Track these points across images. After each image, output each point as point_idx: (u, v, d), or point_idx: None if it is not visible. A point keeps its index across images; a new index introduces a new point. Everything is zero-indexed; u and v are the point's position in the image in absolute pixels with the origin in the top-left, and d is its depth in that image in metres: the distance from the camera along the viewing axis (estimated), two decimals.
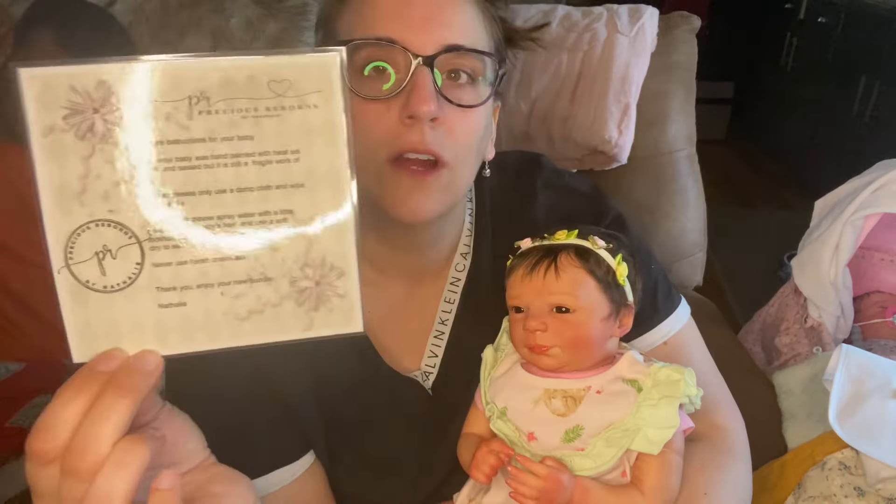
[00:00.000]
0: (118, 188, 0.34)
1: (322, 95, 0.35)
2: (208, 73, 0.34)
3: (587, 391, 0.60)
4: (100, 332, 0.36)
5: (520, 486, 0.57)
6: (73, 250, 0.35)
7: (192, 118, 0.34)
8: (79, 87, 0.33)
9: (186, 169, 0.34)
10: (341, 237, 0.37)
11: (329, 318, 0.38)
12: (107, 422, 0.33)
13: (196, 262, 0.35)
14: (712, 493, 0.63)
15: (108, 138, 0.33)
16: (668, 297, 0.73)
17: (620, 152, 1.21)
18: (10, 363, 1.14)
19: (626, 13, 1.25)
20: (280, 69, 0.34)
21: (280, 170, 0.35)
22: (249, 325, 0.37)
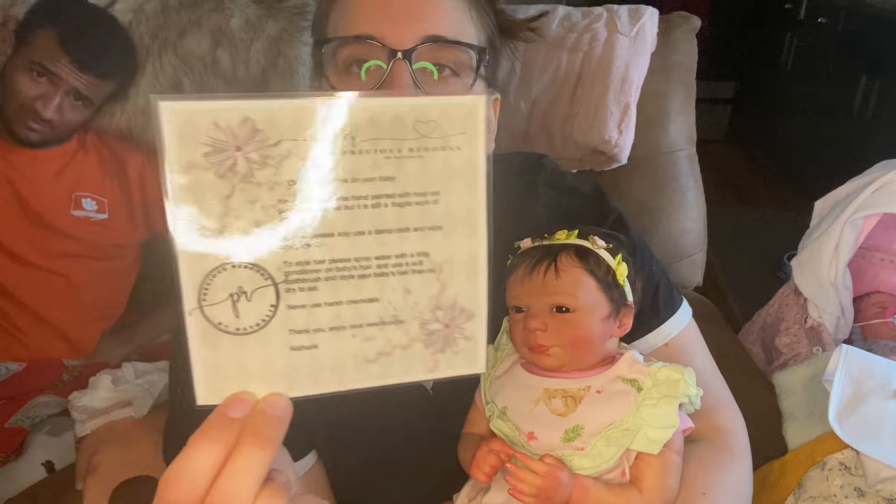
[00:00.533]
0: (257, 229, 0.33)
1: (465, 137, 0.34)
2: (355, 111, 0.33)
3: (587, 391, 0.60)
4: (229, 374, 0.34)
5: (519, 483, 0.57)
6: (207, 292, 0.33)
7: (334, 157, 0.33)
8: (222, 123, 0.31)
9: (325, 211, 0.34)
10: (474, 280, 0.36)
11: (454, 359, 0.37)
12: (249, 477, 0.32)
13: (330, 305, 0.35)
14: (711, 493, 0.63)
15: (249, 178, 0.32)
16: (670, 299, 0.73)
17: (620, 152, 1.21)
18: (10, 363, 1.14)
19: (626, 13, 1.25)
20: (426, 110, 0.34)
21: (419, 212, 0.35)
22: (377, 366, 0.36)
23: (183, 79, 1.18)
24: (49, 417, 1.10)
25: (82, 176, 1.16)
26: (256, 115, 0.32)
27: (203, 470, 0.32)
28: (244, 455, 0.32)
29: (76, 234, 1.15)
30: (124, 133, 1.21)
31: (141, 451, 0.90)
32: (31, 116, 1.06)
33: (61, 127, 1.10)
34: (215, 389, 0.34)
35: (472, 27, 0.61)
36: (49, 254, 1.14)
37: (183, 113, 0.31)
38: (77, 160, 1.16)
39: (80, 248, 1.17)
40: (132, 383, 0.98)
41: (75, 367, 1.19)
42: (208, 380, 0.34)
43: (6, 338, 1.14)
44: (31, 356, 1.15)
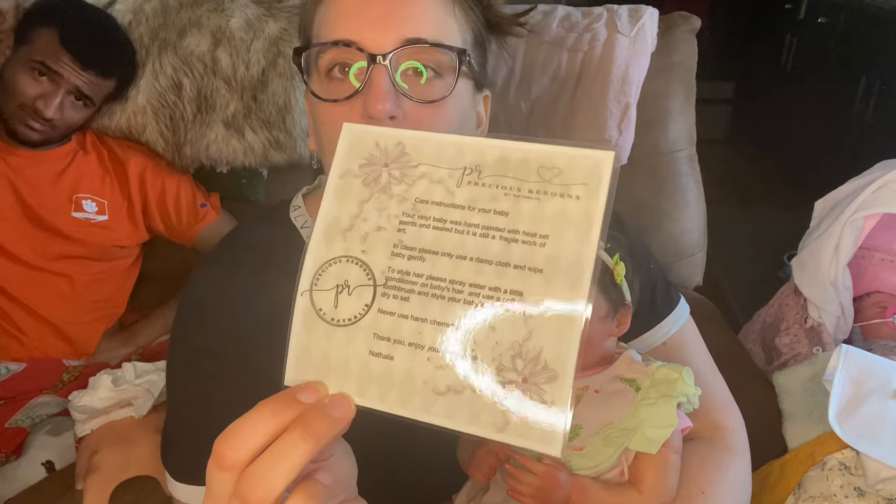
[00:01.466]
0: (377, 233, 0.37)
1: (587, 188, 0.35)
2: (488, 150, 0.36)
3: (585, 391, 0.60)
4: (313, 360, 0.37)
5: (517, 484, 0.57)
6: (320, 278, 0.37)
7: (460, 185, 0.36)
8: (381, 143, 0.38)
9: (439, 229, 0.36)
10: (564, 335, 0.34)
11: (526, 427, 0.34)
12: (286, 461, 0.33)
13: (415, 320, 0.36)
14: (710, 491, 0.63)
15: (386, 189, 0.37)
16: (667, 298, 0.72)
17: (620, 152, 1.21)
18: (10, 363, 1.14)
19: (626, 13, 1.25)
20: (553, 157, 0.35)
21: (524, 250, 0.35)
22: (443, 402, 0.35)
23: (183, 79, 1.18)
24: (49, 417, 1.10)
25: (82, 177, 1.16)
26: (408, 142, 0.38)
27: (254, 433, 0.33)
28: (286, 441, 0.33)
29: (77, 236, 1.15)
30: (124, 133, 1.21)
31: (141, 451, 0.90)
32: (32, 116, 1.06)
33: (62, 126, 1.10)
34: (300, 372, 0.37)
35: (456, 26, 0.61)
36: (50, 255, 1.15)
37: (356, 132, 0.38)
38: (77, 161, 1.16)
39: (80, 250, 1.17)
40: (132, 383, 0.98)
41: (75, 367, 1.19)
42: (297, 362, 0.37)
43: (6, 338, 1.14)
44: (31, 356, 1.15)
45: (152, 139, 1.21)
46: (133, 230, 1.22)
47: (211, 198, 1.28)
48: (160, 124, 1.20)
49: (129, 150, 1.20)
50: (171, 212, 1.23)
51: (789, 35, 3.26)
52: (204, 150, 1.22)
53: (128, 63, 1.15)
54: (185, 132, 1.21)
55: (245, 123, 1.20)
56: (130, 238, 1.22)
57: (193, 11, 1.17)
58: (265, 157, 1.23)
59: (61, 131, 1.11)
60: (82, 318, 1.19)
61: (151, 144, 1.22)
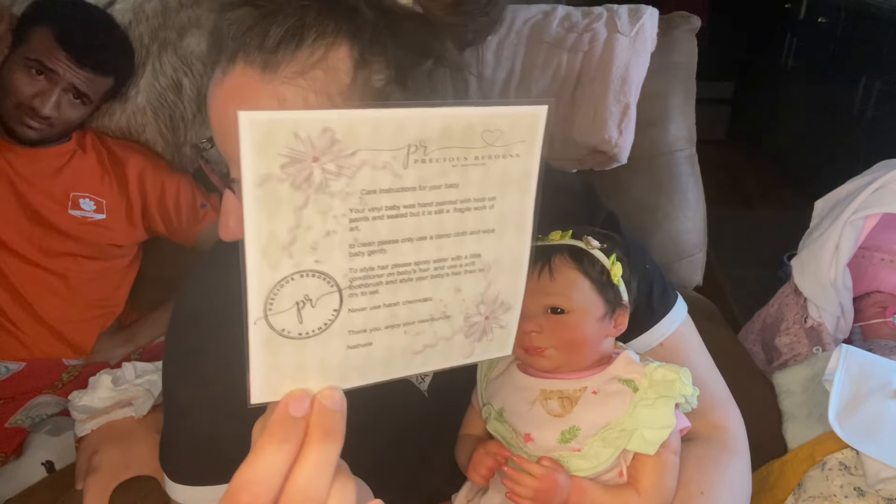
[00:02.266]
0: (327, 238, 0.33)
1: (525, 145, 0.35)
2: (431, 121, 0.33)
3: (583, 392, 0.60)
4: (286, 374, 0.35)
5: (516, 486, 0.57)
6: (273, 302, 0.33)
7: (407, 167, 0.33)
8: (302, 134, 0.30)
9: (394, 217, 0.34)
10: (516, 276, 0.38)
11: (488, 346, 0.40)
12: (324, 472, 0.33)
13: (388, 306, 0.36)
14: (709, 491, 0.63)
15: (323, 188, 0.32)
16: (664, 298, 0.72)
17: (620, 152, 1.21)
18: (10, 363, 1.14)
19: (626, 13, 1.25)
20: (495, 119, 0.34)
21: (476, 216, 0.36)
22: (421, 357, 0.38)
23: (183, 79, 1.18)
24: (49, 417, 1.10)
25: (80, 176, 1.16)
26: (337, 126, 0.31)
27: (276, 471, 0.33)
28: (316, 451, 0.33)
29: (74, 234, 1.15)
30: (124, 133, 1.21)
31: (141, 451, 0.90)
32: (30, 114, 1.06)
33: (60, 125, 1.10)
34: (271, 389, 0.35)
35: None
36: (47, 252, 1.15)
37: (263, 123, 0.30)
38: (75, 160, 1.16)
39: (78, 248, 1.17)
40: (132, 383, 0.98)
41: (75, 366, 1.19)
42: (264, 381, 0.35)
43: (6, 337, 1.14)
44: (30, 356, 1.15)
45: (152, 139, 1.21)
46: (131, 230, 1.22)
47: (211, 198, 1.28)
48: (160, 124, 1.20)
49: (129, 151, 1.20)
50: (172, 212, 1.23)
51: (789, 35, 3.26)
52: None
53: (125, 61, 1.15)
54: (185, 132, 1.21)
55: None
56: (128, 238, 1.22)
57: (193, 11, 1.17)
58: None
59: (59, 130, 1.11)
60: (79, 317, 1.19)
61: (151, 144, 1.22)
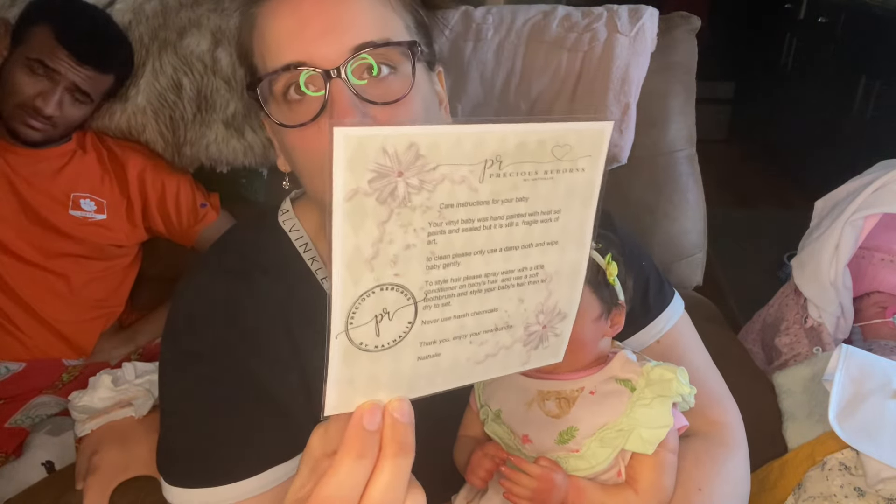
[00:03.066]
0: (407, 252, 0.33)
1: (591, 160, 0.36)
2: (509, 136, 0.34)
3: (580, 392, 0.60)
4: (359, 386, 0.36)
5: (513, 486, 0.57)
6: (354, 316, 0.34)
7: (482, 181, 0.34)
8: (390, 149, 0.31)
9: (468, 231, 0.35)
10: (574, 286, 0.39)
11: (543, 354, 0.41)
12: (400, 484, 0.35)
13: (457, 318, 0.36)
14: (707, 488, 0.63)
15: (406, 202, 0.33)
16: (660, 295, 0.72)
17: (620, 152, 1.21)
18: (10, 363, 1.14)
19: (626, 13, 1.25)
20: (565, 135, 0.35)
21: (542, 229, 0.37)
22: (482, 366, 0.39)
23: (183, 79, 1.18)
24: (49, 417, 1.10)
25: (81, 176, 1.16)
26: (421, 141, 0.32)
27: (354, 485, 0.34)
28: (391, 465, 0.34)
29: (75, 234, 1.15)
30: (124, 133, 1.21)
31: (141, 451, 0.90)
32: (32, 114, 1.06)
33: (63, 124, 1.10)
34: (344, 401, 0.35)
35: (397, 17, 0.60)
36: (48, 253, 1.15)
37: (355, 139, 0.31)
38: (76, 160, 1.16)
39: (78, 248, 1.17)
40: (132, 383, 0.98)
41: (75, 367, 1.19)
42: (340, 393, 0.35)
43: (6, 337, 1.14)
44: (31, 356, 1.15)
45: (152, 139, 1.21)
46: (131, 230, 1.22)
47: (211, 198, 1.28)
48: (160, 124, 1.20)
49: (129, 151, 1.20)
50: (172, 212, 1.23)
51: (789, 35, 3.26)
52: (204, 149, 1.21)
53: (125, 58, 1.15)
54: (185, 132, 1.21)
55: (245, 123, 1.20)
56: (128, 238, 1.22)
57: (193, 11, 1.17)
58: (265, 157, 1.22)
59: (62, 130, 1.11)
60: (80, 318, 1.19)
61: (151, 144, 1.22)
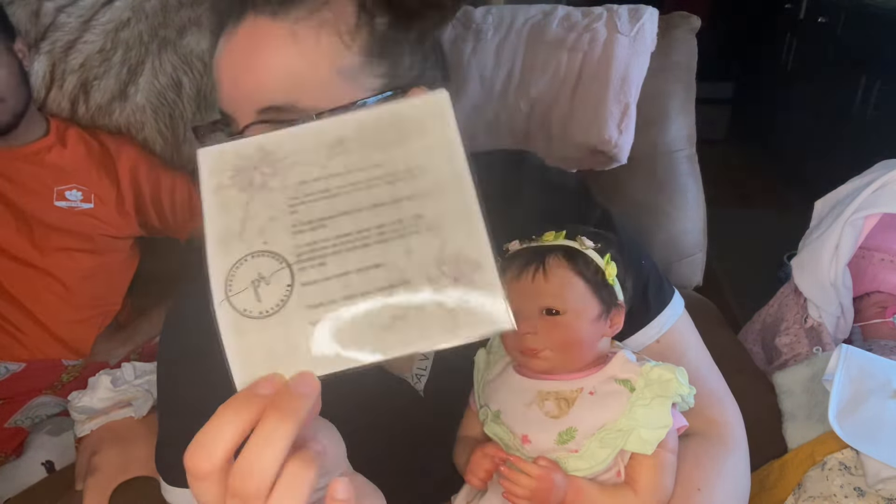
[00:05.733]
0: (272, 223, 0.38)
1: (439, 121, 0.39)
2: (346, 124, 0.40)
3: (580, 392, 0.60)
4: (258, 358, 0.37)
5: (513, 486, 0.57)
6: (232, 283, 0.38)
7: (331, 159, 0.39)
8: (242, 152, 0.39)
9: (327, 198, 0.39)
10: (472, 231, 0.39)
11: (472, 317, 0.37)
12: (271, 446, 0.33)
13: (339, 276, 0.37)
14: (706, 488, 0.63)
15: (263, 186, 0.39)
16: (660, 294, 0.72)
17: (620, 152, 1.21)
18: (10, 363, 1.14)
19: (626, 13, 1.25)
20: (401, 111, 0.40)
21: (408, 184, 0.39)
22: (394, 333, 0.37)
23: (182, 77, 1.18)
24: (49, 417, 1.10)
25: (62, 169, 1.16)
26: (268, 144, 0.39)
27: (224, 438, 0.34)
28: (266, 427, 0.33)
29: (64, 226, 1.15)
30: (122, 132, 1.21)
31: (141, 451, 0.90)
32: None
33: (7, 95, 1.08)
34: (248, 373, 0.37)
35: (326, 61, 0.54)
36: (41, 250, 1.14)
37: (214, 153, 0.39)
38: (54, 154, 1.16)
39: (70, 241, 1.17)
40: (131, 383, 0.98)
41: (75, 367, 1.19)
42: (242, 365, 0.37)
43: (5, 337, 1.14)
44: (30, 356, 1.15)
45: (151, 137, 1.21)
46: (122, 221, 1.21)
47: None
48: (159, 123, 1.20)
49: (123, 144, 1.20)
50: (167, 206, 1.23)
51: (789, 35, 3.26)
52: None
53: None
54: (185, 131, 1.21)
55: None
56: (119, 229, 1.21)
57: (193, 10, 1.17)
58: None
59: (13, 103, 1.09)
60: (77, 317, 1.19)
61: (150, 142, 1.22)
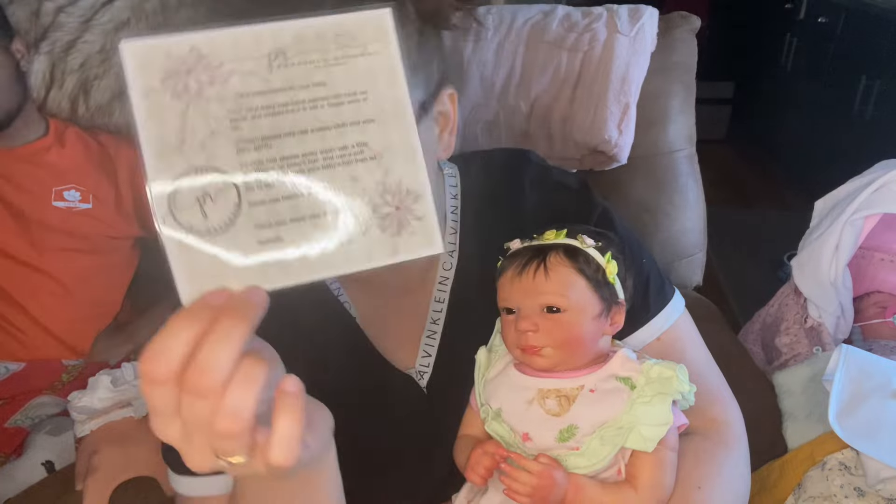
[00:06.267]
0: (213, 138, 0.38)
1: (380, 44, 0.40)
2: (282, 32, 0.38)
3: (580, 390, 0.60)
4: (206, 273, 0.38)
5: (513, 483, 0.57)
6: (175, 199, 0.37)
7: (272, 72, 0.38)
8: (173, 53, 0.37)
9: (271, 115, 0.38)
10: (412, 162, 0.40)
11: (411, 241, 0.40)
12: (229, 344, 0.35)
13: (287, 198, 0.38)
14: (706, 486, 0.63)
15: (200, 95, 0.37)
16: (660, 293, 0.72)
17: (620, 152, 1.21)
18: (10, 363, 1.14)
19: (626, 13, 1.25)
20: (342, 24, 0.39)
21: (352, 109, 0.39)
22: (340, 255, 0.39)
23: None
24: (49, 417, 1.10)
25: (60, 170, 1.16)
26: (201, 44, 0.37)
27: (180, 343, 0.35)
28: (220, 328, 0.35)
29: (63, 227, 1.15)
30: (122, 131, 1.21)
31: (141, 451, 0.90)
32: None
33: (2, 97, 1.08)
34: (195, 289, 0.38)
35: None
36: (39, 248, 1.14)
37: (140, 48, 0.37)
38: (53, 154, 1.15)
39: (70, 241, 1.16)
40: (131, 383, 0.98)
41: (75, 367, 1.19)
42: (188, 281, 0.38)
43: (5, 338, 1.14)
44: (30, 356, 1.15)
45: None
46: (122, 221, 1.21)
47: None
48: None
49: (122, 144, 1.20)
50: None
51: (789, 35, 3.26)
52: None
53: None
54: None
55: None
56: (119, 229, 1.21)
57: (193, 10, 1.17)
58: None
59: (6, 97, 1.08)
60: (76, 317, 1.19)
61: None
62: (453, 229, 0.71)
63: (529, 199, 0.72)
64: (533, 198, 0.72)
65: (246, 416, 0.35)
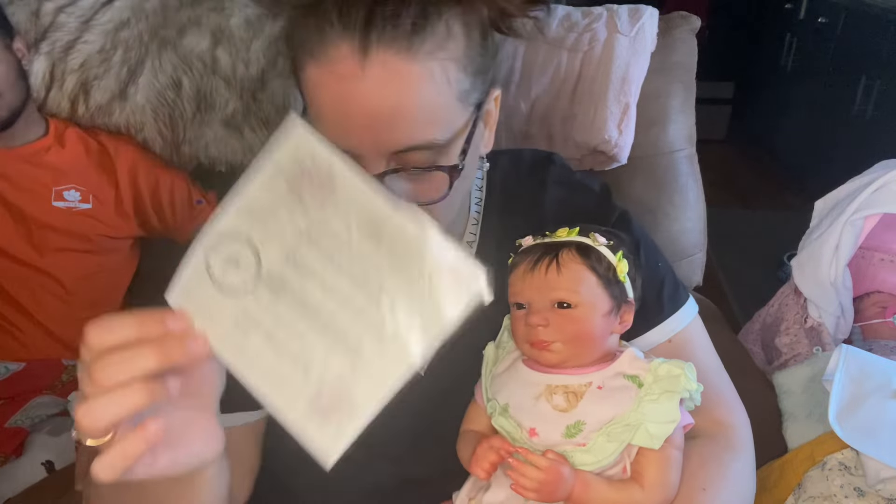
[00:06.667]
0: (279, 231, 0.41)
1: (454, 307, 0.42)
2: (387, 219, 0.40)
3: (588, 387, 0.60)
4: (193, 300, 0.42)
5: (520, 477, 0.57)
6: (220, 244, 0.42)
7: (355, 233, 0.40)
8: (316, 161, 0.40)
9: (326, 260, 0.41)
10: (376, 390, 0.41)
11: (316, 434, 0.41)
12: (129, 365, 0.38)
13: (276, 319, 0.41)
14: (711, 488, 0.63)
15: (300, 202, 0.41)
16: (674, 296, 0.73)
17: (620, 152, 1.21)
18: (10, 363, 1.14)
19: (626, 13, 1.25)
20: (434, 265, 0.40)
21: (379, 310, 0.42)
22: (267, 388, 0.42)
23: (182, 77, 1.18)
24: (49, 417, 1.10)
25: (62, 170, 1.16)
26: (336, 171, 0.40)
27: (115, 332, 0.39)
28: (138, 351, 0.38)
29: (63, 227, 1.15)
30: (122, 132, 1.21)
31: None
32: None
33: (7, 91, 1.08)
34: (180, 300, 0.42)
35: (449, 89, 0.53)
36: (39, 249, 1.14)
37: (304, 136, 0.41)
38: (52, 154, 1.15)
39: (69, 241, 1.17)
40: None
41: (75, 367, 1.18)
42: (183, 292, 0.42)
43: (5, 337, 1.14)
44: (30, 356, 1.15)
45: (151, 137, 1.21)
46: (121, 221, 1.21)
47: (208, 195, 1.27)
48: (159, 123, 1.20)
49: (122, 144, 1.20)
50: (166, 207, 1.22)
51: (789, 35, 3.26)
52: (203, 148, 1.21)
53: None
54: (184, 131, 1.21)
55: (244, 123, 1.20)
56: (118, 229, 1.21)
57: (193, 10, 1.17)
58: None
59: (10, 98, 1.09)
60: (76, 317, 1.19)
61: (150, 143, 1.22)
62: (475, 220, 0.73)
63: (552, 197, 0.74)
64: (556, 197, 0.74)
65: (100, 423, 0.38)
